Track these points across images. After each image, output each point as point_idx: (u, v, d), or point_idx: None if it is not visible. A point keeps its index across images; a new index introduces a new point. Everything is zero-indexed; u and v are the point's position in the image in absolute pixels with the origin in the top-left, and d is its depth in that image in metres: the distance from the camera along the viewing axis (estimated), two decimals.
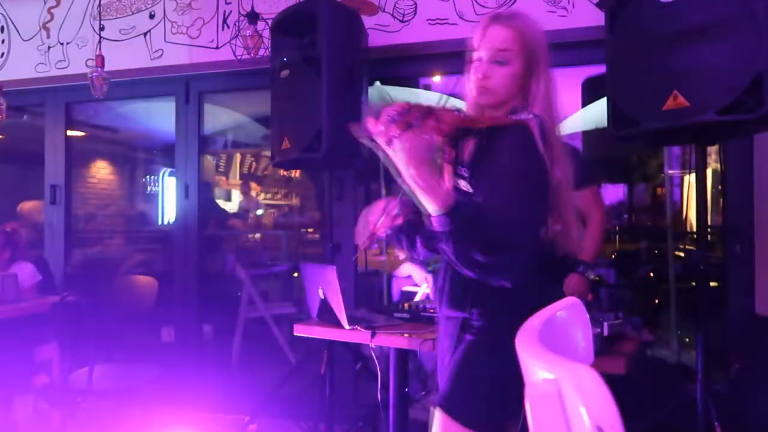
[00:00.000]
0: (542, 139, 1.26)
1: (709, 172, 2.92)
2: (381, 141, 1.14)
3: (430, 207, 1.16)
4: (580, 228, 1.44)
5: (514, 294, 1.28)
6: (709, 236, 2.53)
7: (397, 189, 1.23)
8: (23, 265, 3.40)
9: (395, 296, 3.34)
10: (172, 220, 5.22)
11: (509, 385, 1.08)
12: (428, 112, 1.14)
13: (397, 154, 1.13)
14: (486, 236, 1.16)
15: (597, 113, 3.45)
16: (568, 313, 1.02)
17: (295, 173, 6.83)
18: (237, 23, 3.52)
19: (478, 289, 1.31)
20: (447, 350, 1.41)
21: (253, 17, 3.26)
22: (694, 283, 2.45)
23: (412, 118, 1.11)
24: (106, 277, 4.44)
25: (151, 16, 3.79)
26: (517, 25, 1.34)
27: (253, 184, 7.06)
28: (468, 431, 1.30)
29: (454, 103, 1.43)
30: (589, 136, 4.03)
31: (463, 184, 1.32)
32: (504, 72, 1.33)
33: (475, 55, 1.36)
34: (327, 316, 2.32)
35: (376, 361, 2.39)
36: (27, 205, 4.92)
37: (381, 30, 3.23)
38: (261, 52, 3.28)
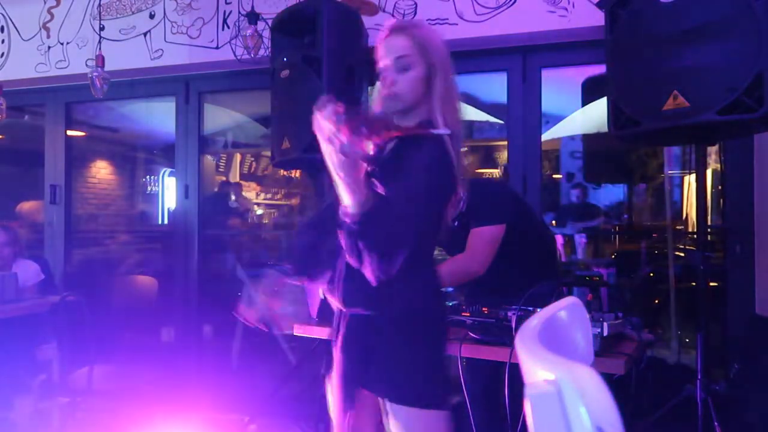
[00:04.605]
0: (455, 153, 1.37)
1: (709, 172, 2.92)
2: (326, 139, 1.18)
3: (348, 203, 1.25)
4: None
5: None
6: (709, 236, 2.53)
7: None
8: (27, 263, 3.39)
9: None
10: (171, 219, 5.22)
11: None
12: (371, 122, 1.20)
13: (333, 155, 1.19)
14: (385, 239, 1.24)
15: (597, 113, 3.45)
16: (568, 313, 1.02)
17: (295, 173, 6.82)
18: (237, 23, 3.53)
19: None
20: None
21: (253, 17, 3.26)
22: (694, 283, 2.45)
23: (361, 125, 1.16)
24: (106, 277, 4.44)
25: (151, 16, 3.79)
26: (413, 34, 1.46)
27: (252, 184, 7.06)
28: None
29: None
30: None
31: (376, 183, 1.38)
32: (408, 77, 1.43)
33: (381, 65, 1.47)
34: (327, 316, 2.32)
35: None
36: (27, 205, 4.93)
37: (381, 30, 3.23)
38: (261, 52, 3.28)
